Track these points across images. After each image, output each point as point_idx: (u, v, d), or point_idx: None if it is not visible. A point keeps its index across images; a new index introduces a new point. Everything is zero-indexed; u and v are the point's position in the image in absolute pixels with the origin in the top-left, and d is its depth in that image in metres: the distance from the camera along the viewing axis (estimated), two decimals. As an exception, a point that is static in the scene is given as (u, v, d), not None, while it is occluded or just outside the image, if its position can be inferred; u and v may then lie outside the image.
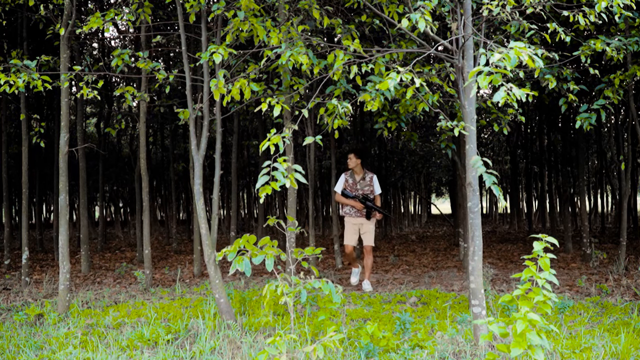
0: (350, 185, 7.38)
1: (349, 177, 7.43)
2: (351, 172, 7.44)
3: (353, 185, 7.36)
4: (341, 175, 7.47)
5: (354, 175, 7.39)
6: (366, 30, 6.79)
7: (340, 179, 7.46)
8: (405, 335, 5.00)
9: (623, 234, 8.94)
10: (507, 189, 25.92)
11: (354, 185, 7.36)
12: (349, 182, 7.39)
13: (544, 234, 3.27)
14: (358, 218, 7.38)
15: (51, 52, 9.89)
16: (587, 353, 4.38)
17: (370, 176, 7.42)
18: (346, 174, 7.46)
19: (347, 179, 7.42)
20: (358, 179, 7.37)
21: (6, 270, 10.16)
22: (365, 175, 7.40)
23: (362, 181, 7.36)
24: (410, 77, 4.21)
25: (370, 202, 7.28)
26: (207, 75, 5.83)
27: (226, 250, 4.67)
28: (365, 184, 7.36)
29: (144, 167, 8.09)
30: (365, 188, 7.35)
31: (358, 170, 7.38)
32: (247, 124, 16.91)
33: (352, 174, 7.41)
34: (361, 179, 7.37)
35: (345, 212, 7.47)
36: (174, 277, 9.11)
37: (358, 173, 7.39)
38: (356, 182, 7.34)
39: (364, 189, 7.34)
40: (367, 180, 7.39)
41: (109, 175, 20.06)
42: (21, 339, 5.15)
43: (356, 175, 7.39)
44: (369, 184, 7.38)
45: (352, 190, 7.35)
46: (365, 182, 7.37)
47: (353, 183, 7.37)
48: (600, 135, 16.55)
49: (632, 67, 6.71)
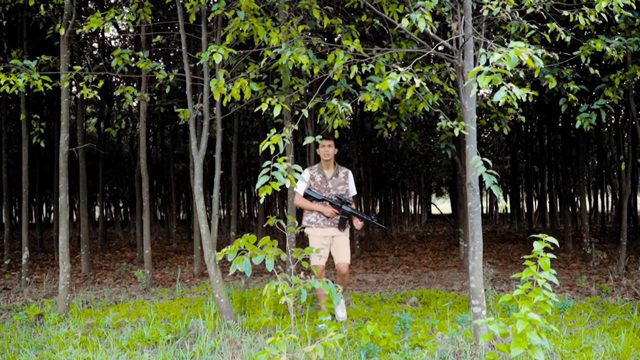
0: (317, 183, 5.51)
1: (315, 173, 5.54)
2: (319, 166, 5.59)
3: (322, 184, 5.51)
4: (304, 171, 5.38)
5: (323, 170, 5.55)
6: (366, 30, 6.79)
7: (303, 175, 5.43)
8: (405, 335, 5.00)
9: (623, 233, 8.94)
10: (507, 189, 25.93)
11: (323, 183, 5.51)
12: (316, 180, 5.52)
13: (544, 234, 3.27)
14: (329, 228, 5.55)
15: (51, 52, 9.89)
16: (587, 353, 4.38)
17: (345, 172, 5.62)
18: (311, 169, 5.58)
19: (312, 176, 5.53)
20: (329, 176, 5.55)
21: (6, 270, 10.16)
22: (338, 171, 5.59)
23: (334, 178, 5.55)
24: (410, 77, 4.21)
25: (348, 206, 5.47)
26: (207, 75, 5.83)
27: (226, 250, 4.67)
28: (339, 181, 5.56)
29: (144, 167, 8.09)
30: (338, 187, 5.54)
31: (330, 164, 5.55)
32: (247, 124, 16.92)
33: (320, 168, 5.56)
34: (333, 175, 5.55)
35: (309, 221, 5.57)
36: (174, 277, 9.11)
37: (329, 167, 5.56)
38: (326, 180, 5.52)
39: (337, 189, 5.53)
40: (340, 177, 5.58)
41: (109, 175, 20.07)
42: (21, 339, 5.14)
43: (326, 170, 5.56)
44: (342, 181, 5.58)
45: (321, 190, 5.51)
46: (339, 179, 5.57)
47: (322, 181, 5.52)
48: (600, 135, 16.55)
49: (632, 67, 6.71)
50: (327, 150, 5.46)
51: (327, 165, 5.55)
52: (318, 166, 5.60)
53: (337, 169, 5.60)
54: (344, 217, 5.41)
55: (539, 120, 15.28)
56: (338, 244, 5.61)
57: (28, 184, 8.49)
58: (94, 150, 14.11)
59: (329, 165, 5.56)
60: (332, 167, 5.58)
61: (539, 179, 19.87)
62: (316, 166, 5.62)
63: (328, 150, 5.46)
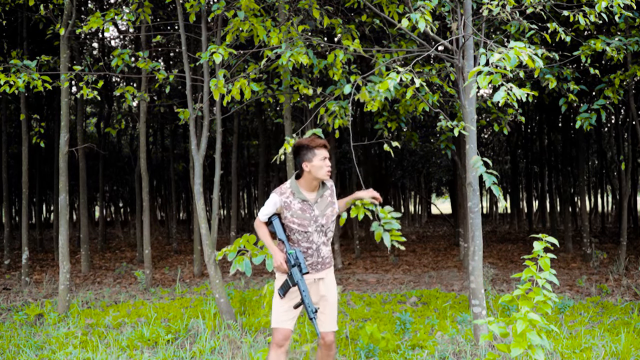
0: (296, 213, 3.39)
1: (291, 200, 3.41)
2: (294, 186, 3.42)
3: (305, 213, 3.39)
4: (272, 195, 3.45)
5: (302, 192, 3.41)
6: (366, 30, 6.79)
7: (270, 201, 3.42)
8: (405, 335, 5.00)
9: (623, 233, 8.94)
10: (507, 189, 25.92)
11: (306, 212, 3.40)
12: (293, 209, 3.39)
13: (544, 234, 3.27)
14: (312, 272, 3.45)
15: (51, 52, 9.89)
16: (587, 353, 4.38)
17: (330, 186, 3.53)
18: (282, 194, 3.41)
19: (286, 204, 3.40)
20: (314, 199, 3.44)
21: (6, 270, 10.16)
22: (324, 188, 3.50)
23: (320, 200, 3.45)
24: (410, 77, 4.21)
25: (299, 273, 3.31)
26: (207, 75, 5.83)
27: (226, 250, 4.68)
28: (326, 203, 3.48)
29: (144, 167, 8.10)
30: (327, 212, 3.46)
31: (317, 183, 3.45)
32: (247, 123, 16.92)
33: (297, 190, 3.41)
34: (318, 196, 3.45)
35: None
36: (174, 277, 9.11)
37: (313, 188, 3.45)
38: (310, 206, 3.41)
39: (325, 215, 3.44)
40: (326, 197, 3.50)
41: (109, 175, 20.06)
42: (21, 339, 5.14)
43: (308, 192, 3.45)
44: (330, 201, 3.50)
45: (304, 223, 3.38)
46: (325, 200, 3.48)
47: (304, 209, 3.39)
48: (600, 135, 16.55)
49: (632, 67, 6.71)
50: (329, 165, 3.43)
51: (312, 186, 3.42)
52: (292, 187, 3.41)
53: (323, 187, 3.48)
54: (287, 285, 3.34)
55: (539, 120, 15.28)
56: (323, 293, 3.47)
57: (28, 184, 8.49)
58: (94, 150, 14.11)
59: (313, 185, 3.42)
60: (316, 188, 3.44)
61: (539, 179, 19.87)
62: (289, 187, 3.42)
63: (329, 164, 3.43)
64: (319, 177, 3.37)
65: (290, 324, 3.39)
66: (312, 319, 3.21)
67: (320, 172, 3.36)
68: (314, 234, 3.41)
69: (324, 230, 3.44)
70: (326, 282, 3.47)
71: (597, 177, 22.93)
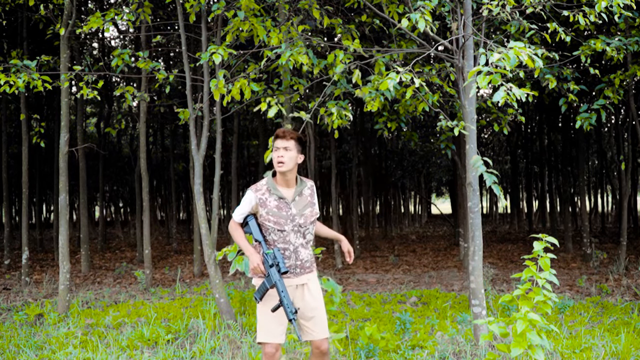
0: (272, 211, 3.24)
1: (266, 196, 3.27)
2: (270, 183, 3.29)
3: (281, 211, 3.25)
4: (247, 192, 3.31)
5: (278, 189, 3.28)
6: (366, 30, 6.79)
7: (245, 199, 3.30)
8: (405, 335, 5.00)
9: (623, 233, 8.94)
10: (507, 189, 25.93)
11: (282, 210, 3.25)
12: (269, 206, 3.24)
13: (544, 234, 3.27)
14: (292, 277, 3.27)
15: (51, 52, 9.89)
16: (587, 353, 4.38)
17: (310, 186, 3.41)
18: (258, 191, 3.28)
19: (262, 201, 3.26)
20: (291, 197, 3.29)
21: (6, 270, 10.16)
22: (303, 187, 3.36)
23: (298, 199, 3.30)
24: (410, 77, 4.21)
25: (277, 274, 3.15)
26: (207, 75, 5.83)
27: (226, 250, 4.68)
28: (304, 203, 3.32)
29: (144, 167, 8.10)
30: (305, 212, 3.31)
31: (290, 179, 3.30)
32: (247, 123, 16.92)
33: (273, 186, 3.27)
34: (296, 194, 3.31)
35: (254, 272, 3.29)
36: (174, 277, 9.11)
37: (290, 184, 3.31)
38: (287, 204, 3.26)
39: (303, 214, 3.29)
40: (306, 196, 3.35)
41: (109, 175, 20.07)
42: (21, 339, 5.14)
43: (284, 189, 3.31)
44: (309, 202, 3.35)
45: (280, 221, 3.23)
46: (304, 199, 3.33)
47: (280, 206, 3.25)
48: (600, 135, 16.55)
49: (632, 67, 6.71)
50: (282, 156, 3.18)
51: (285, 182, 3.26)
52: (269, 183, 3.28)
53: (301, 183, 3.33)
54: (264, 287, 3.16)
55: (539, 120, 15.28)
56: (308, 300, 3.27)
57: (28, 184, 8.50)
58: (94, 150, 14.11)
59: (289, 181, 3.27)
60: (294, 184, 3.31)
61: (539, 179, 19.88)
62: (265, 184, 3.29)
63: (283, 155, 3.18)
64: (275, 168, 3.23)
65: (281, 338, 3.17)
66: (291, 321, 3.03)
67: (274, 163, 3.22)
68: (291, 233, 3.24)
69: (301, 230, 3.27)
70: (311, 288, 3.28)
71: (597, 177, 22.94)
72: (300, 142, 3.25)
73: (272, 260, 3.14)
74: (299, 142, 3.24)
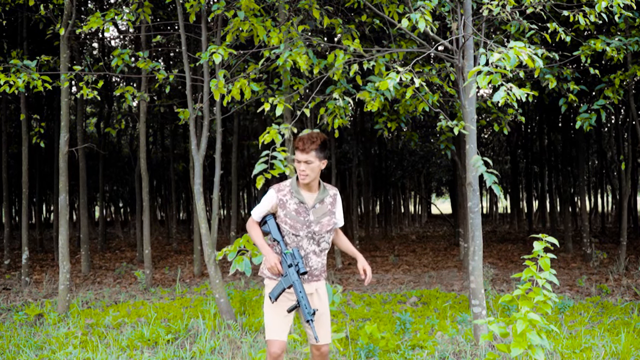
0: (291, 214, 3.22)
1: (288, 198, 3.25)
2: (294, 185, 3.26)
3: (299, 216, 3.22)
4: (270, 190, 3.31)
5: (301, 192, 3.25)
6: (366, 30, 6.79)
7: (266, 197, 3.30)
8: (405, 335, 5.00)
9: (623, 233, 8.94)
10: (507, 189, 25.93)
11: (300, 214, 3.22)
12: (289, 209, 3.23)
13: (544, 234, 3.27)
14: None
15: (51, 52, 9.88)
16: (587, 353, 4.38)
17: (333, 194, 3.36)
18: (280, 191, 3.27)
19: (283, 202, 3.25)
20: (311, 202, 3.26)
21: (6, 270, 10.16)
22: (325, 194, 3.30)
23: (318, 206, 3.26)
24: (410, 77, 4.21)
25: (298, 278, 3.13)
26: (207, 75, 5.84)
27: (226, 250, 4.68)
28: (324, 210, 3.28)
29: (144, 167, 8.10)
30: (323, 220, 3.26)
31: (312, 185, 3.27)
32: (247, 124, 16.93)
33: (296, 189, 3.24)
34: (317, 201, 3.26)
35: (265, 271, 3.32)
36: (174, 277, 9.11)
37: (312, 189, 3.28)
38: (307, 209, 3.23)
39: (321, 222, 3.25)
40: (327, 204, 3.30)
41: (109, 175, 20.07)
42: (21, 339, 5.14)
43: (306, 193, 3.28)
44: (329, 210, 3.30)
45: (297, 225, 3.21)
46: (324, 206, 3.29)
47: (299, 211, 3.23)
48: (600, 135, 16.56)
49: (632, 67, 6.71)
50: (304, 170, 3.15)
51: (308, 187, 3.25)
52: (292, 185, 3.24)
53: (324, 191, 3.28)
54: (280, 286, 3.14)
55: (539, 120, 15.28)
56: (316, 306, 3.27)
57: (28, 184, 8.49)
58: (94, 150, 14.11)
59: (312, 187, 3.25)
60: (317, 189, 3.28)
61: (539, 179, 19.88)
62: (288, 185, 3.26)
63: (305, 169, 3.15)
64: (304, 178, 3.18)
65: (285, 335, 3.21)
66: (309, 321, 3.03)
67: (304, 175, 3.17)
68: (305, 239, 3.21)
69: (315, 238, 3.23)
70: (320, 294, 3.29)
71: (597, 177, 22.94)
72: (321, 149, 3.17)
73: (292, 260, 3.12)
74: (320, 150, 3.16)
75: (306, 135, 3.17)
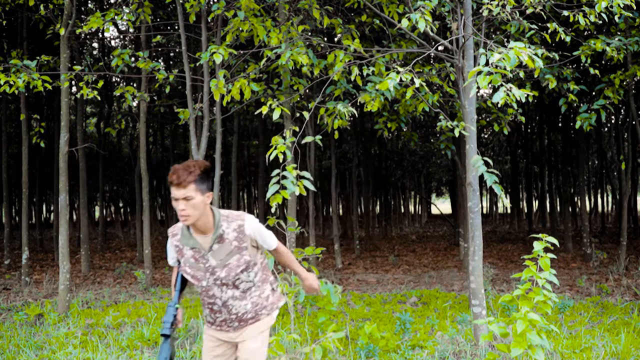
0: (189, 262, 2.60)
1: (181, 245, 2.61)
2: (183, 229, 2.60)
3: (197, 263, 2.58)
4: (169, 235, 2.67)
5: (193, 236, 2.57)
6: (366, 30, 6.79)
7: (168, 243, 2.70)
8: (405, 335, 5.00)
9: (623, 233, 8.94)
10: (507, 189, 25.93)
11: (198, 261, 2.58)
12: (186, 255, 2.60)
13: (544, 234, 3.27)
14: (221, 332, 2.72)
15: (51, 52, 9.89)
16: (587, 353, 4.38)
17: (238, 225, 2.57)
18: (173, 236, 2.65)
19: (178, 247, 2.63)
20: (207, 245, 2.56)
21: (6, 270, 10.16)
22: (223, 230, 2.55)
23: (217, 247, 2.54)
24: (410, 77, 4.21)
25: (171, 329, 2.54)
26: (207, 75, 5.83)
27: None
28: (228, 251, 2.56)
29: (144, 167, 8.10)
30: (230, 262, 2.57)
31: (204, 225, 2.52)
32: (247, 123, 16.92)
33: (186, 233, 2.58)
34: (215, 241, 2.54)
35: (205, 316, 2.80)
36: (174, 277, 9.11)
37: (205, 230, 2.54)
38: (203, 255, 2.57)
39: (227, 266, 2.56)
40: (230, 243, 2.56)
41: (109, 175, 20.07)
42: (21, 338, 5.14)
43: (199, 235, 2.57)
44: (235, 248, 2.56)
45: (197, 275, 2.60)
46: (227, 246, 2.55)
47: (196, 257, 2.58)
48: (600, 135, 16.56)
49: (632, 67, 6.71)
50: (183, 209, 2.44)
51: (198, 228, 2.54)
52: (182, 229, 2.62)
53: (219, 227, 2.54)
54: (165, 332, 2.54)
55: (539, 120, 15.28)
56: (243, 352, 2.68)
57: (28, 184, 8.49)
58: (94, 150, 14.12)
59: (203, 226, 2.53)
60: (211, 228, 2.55)
61: (539, 179, 19.88)
62: (179, 228, 2.65)
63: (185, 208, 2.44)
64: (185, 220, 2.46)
65: None
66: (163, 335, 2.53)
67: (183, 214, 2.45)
68: (214, 287, 2.60)
69: (228, 284, 2.58)
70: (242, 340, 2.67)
71: (597, 177, 22.94)
72: (202, 179, 2.45)
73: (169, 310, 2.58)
74: (201, 181, 2.44)
75: (181, 166, 2.45)
